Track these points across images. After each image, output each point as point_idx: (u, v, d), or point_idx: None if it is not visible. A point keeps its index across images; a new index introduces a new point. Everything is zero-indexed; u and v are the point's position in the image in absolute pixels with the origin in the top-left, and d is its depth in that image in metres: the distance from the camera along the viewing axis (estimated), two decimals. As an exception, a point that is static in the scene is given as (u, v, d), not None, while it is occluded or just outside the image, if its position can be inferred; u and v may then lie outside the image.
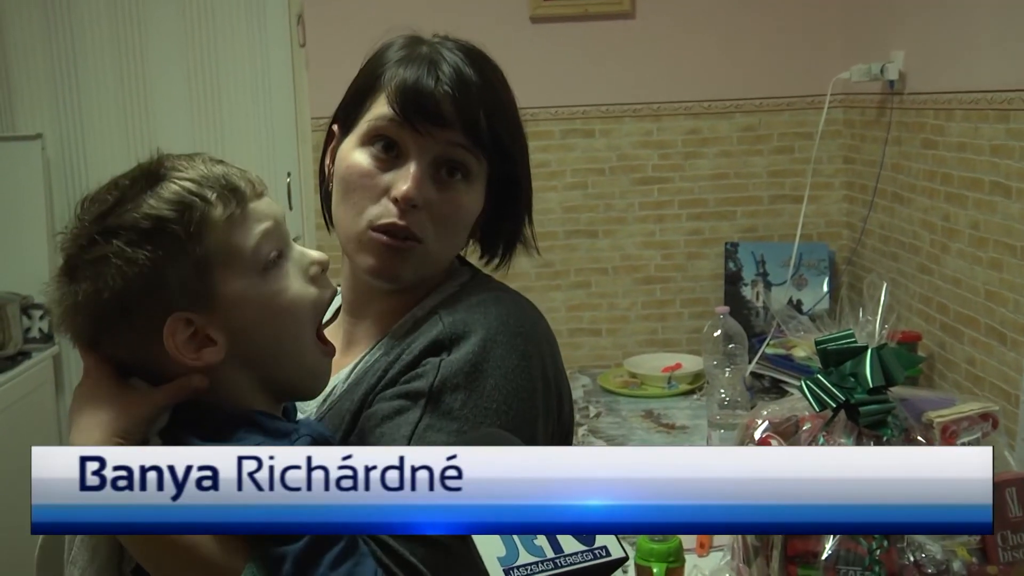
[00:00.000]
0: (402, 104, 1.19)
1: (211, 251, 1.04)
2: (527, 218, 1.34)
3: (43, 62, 3.51)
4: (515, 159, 1.27)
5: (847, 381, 1.45)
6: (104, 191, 1.09)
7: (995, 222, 2.38)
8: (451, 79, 1.20)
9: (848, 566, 1.34)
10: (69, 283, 1.06)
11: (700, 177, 3.49)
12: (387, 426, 1.12)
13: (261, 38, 3.53)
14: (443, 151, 1.21)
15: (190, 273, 1.04)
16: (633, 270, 3.52)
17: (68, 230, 1.08)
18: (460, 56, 1.23)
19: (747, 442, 1.48)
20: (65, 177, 3.57)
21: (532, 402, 1.17)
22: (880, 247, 3.14)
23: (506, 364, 1.16)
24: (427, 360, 1.16)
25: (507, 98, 1.27)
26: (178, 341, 1.04)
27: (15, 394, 3.22)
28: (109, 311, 1.04)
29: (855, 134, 3.35)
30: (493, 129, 1.22)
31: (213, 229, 1.05)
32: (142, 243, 1.03)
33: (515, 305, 1.24)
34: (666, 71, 3.45)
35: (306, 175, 3.53)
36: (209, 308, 1.05)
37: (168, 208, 1.04)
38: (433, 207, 1.21)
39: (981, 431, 1.44)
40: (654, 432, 2.74)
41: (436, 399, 1.13)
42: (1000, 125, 2.35)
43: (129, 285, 1.02)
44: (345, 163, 1.24)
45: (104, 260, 1.03)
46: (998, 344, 2.39)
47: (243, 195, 1.08)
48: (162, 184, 1.06)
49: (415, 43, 1.27)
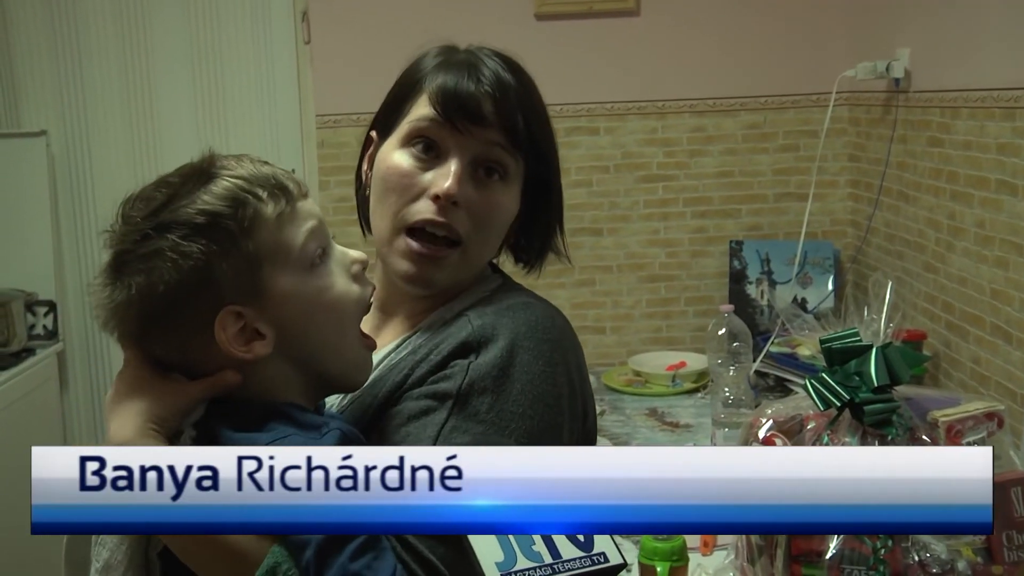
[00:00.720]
0: (444, 103, 1.22)
1: (262, 247, 1.08)
2: (559, 226, 1.37)
3: (48, 59, 3.51)
4: (550, 162, 1.31)
5: (852, 380, 1.44)
6: (152, 189, 1.11)
7: (1001, 220, 2.37)
8: (491, 81, 1.24)
9: (852, 565, 1.33)
10: (119, 278, 1.08)
11: (705, 175, 3.48)
12: (412, 426, 1.14)
13: (266, 35, 3.53)
14: (482, 150, 1.23)
15: (242, 267, 1.07)
16: (637, 268, 3.51)
17: (115, 228, 1.10)
18: (498, 62, 1.27)
19: (751, 441, 1.48)
20: (69, 174, 3.57)
21: (557, 408, 1.19)
22: (885, 245, 3.13)
23: (533, 369, 1.17)
24: (455, 362, 1.17)
25: (541, 105, 1.31)
26: (229, 334, 1.07)
27: (19, 391, 3.22)
28: (161, 305, 1.06)
29: (860, 132, 3.34)
30: (530, 131, 1.26)
31: (264, 225, 1.08)
32: (196, 237, 1.05)
33: (544, 312, 1.26)
34: (671, 68, 3.44)
35: (311, 172, 3.53)
36: (259, 302, 1.08)
37: (222, 204, 1.07)
38: (472, 206, 1.23)
39: (986, 430, 1.44)
40: (658, 430, 2.73)
41: (464, 401, 1.14)
42: (1006, 123, 2.34)
43: (184, 279, 1.05)
44: (385, 164, 1.26)
45: (158, 254, 1.05)
46: (1003, 343, 2.38)
47: (291, 194, 1.11)
48: (215, 181, 1.09)
49: (452, 51, 1.30)
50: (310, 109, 3.50)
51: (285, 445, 1.02)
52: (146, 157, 3.56)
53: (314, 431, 1.08)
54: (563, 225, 1.38)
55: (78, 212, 3.59)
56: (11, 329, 3.31)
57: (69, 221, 3.59)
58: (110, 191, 3.56)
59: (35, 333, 3.48)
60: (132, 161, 3.56)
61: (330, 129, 3.43)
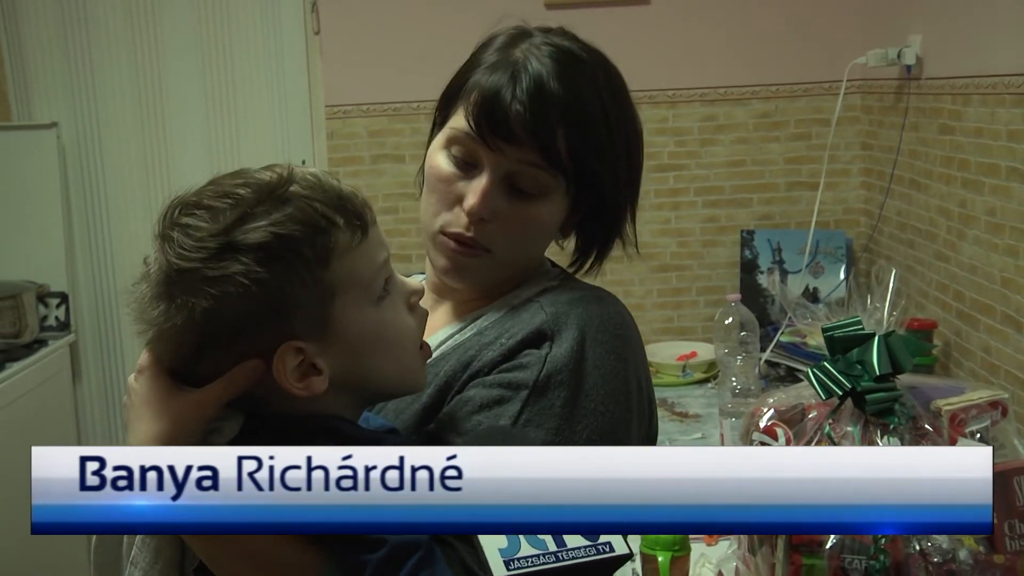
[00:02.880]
0: (476, 119, 1.17)
1: (337, 279, 1.01)
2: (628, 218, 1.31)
3: (58, 51, 3.52)
4: (599, 175, 1.22)
5: (854, 369, 1.43)
6: (216, 198, 1.01)
7: (1012, 208, 2.35)
8: (530, 94, 1.16)
9: (853, 555, 1.33)
10: (179, 297, 0.99)
11: (716, 164, 3.47)
12: (484, 415, 1.11)
13: (275, 26, 3.53)
14: (516, 168, 1.18)
15: (314, 299, 1.00)
16: (649, 258, 3.50)
17: (170, 233, 1.00)
18: (550, 65, 1.18)
19: (752, 430, 1.47)
20: (80, 166, 3.58)
21: (627, 404, 1.17)
22: (897, 234, 3.11)
23: (605, 365, 1.15)
24: (528, 351, 1.15)
25: (598, 110, 1.21)
26: (288, 368, 1.00)
27: (32, 382, 3.23)
28: (224, 332, 0.99)
29: (872, 120, 3.31)
30: (573, 147, 1.18)
31: (340, 256, 1.01)
32: (272, 264, 0.97)
33: (614, 306, 1.23)
34: (681, 57, 3.43)
35: (320, 163, 3.53)
36: (323, 337, 1.01)
37: (300, 230, 0.99)
38: (504, 219, 1.19)
39: (990, 419, 1.42)
40: (667, 420, 2.72)
41: (540, 393, 1.11)
42: (1017, 110, 2.32)
43: (254, 307, 0.98)
44: (430, 163, 1.24)
45: (229, 279, 0.97)
46: (1014, 332, 2.36)
47: (366, 222, 1.05)
48: (292, 202, 1.00)
49: (513, 43, 1.23)
50: (319, 99, 3.50)
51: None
52: (156, 148, 3.57)
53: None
54: (635, 216, 1.32)
55: (89, 204, 3.60)
56: (23, 320, 3.32)
57: (80, 213, 3.60)
58: (121, 183, 3.58)
59: (47, 325, 3.50)
60: (143, 152, 3.57)
61: (339, 120, 3.43)
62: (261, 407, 1.04)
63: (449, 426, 1.12)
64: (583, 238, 1.31)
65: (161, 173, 3.58)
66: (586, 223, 1.29)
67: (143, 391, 1.04)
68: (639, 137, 1.30)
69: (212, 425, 1.03)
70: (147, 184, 3.58)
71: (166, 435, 1.00)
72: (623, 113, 1.26)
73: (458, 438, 1.09)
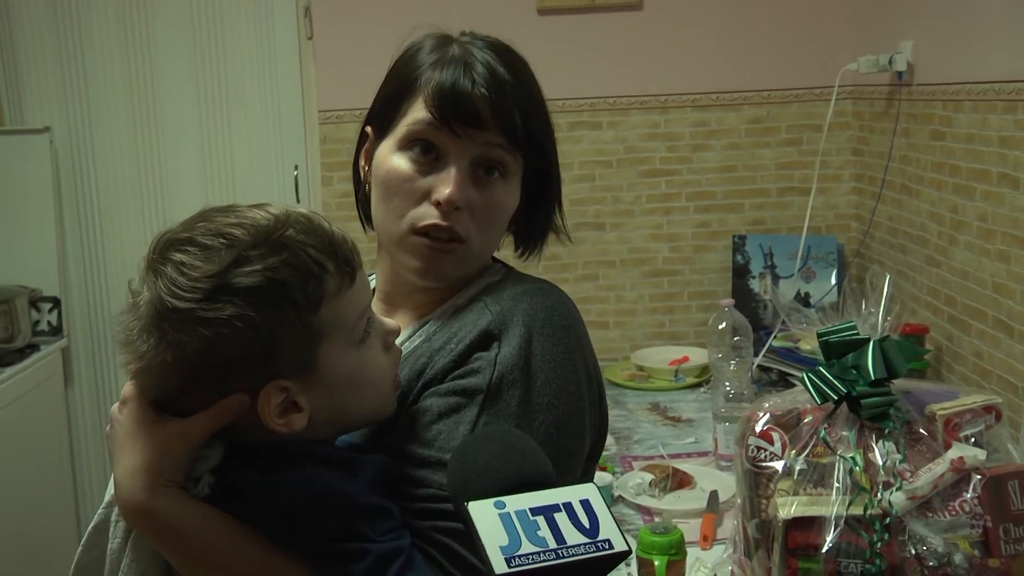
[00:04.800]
0: (440, 108, 1.20)
1: (323, 322, 1.04)
2: (558, 207, 1.37)
3: (51, 56, 3.52)
4: (548, 153, 1.30)
5: (849, 373, 1.44)
6: (210, 236, 1.03)
7: (1003, 214, 2.37)
8: (486, 80, 1.21)
9: (849, 559, 1.33)
10: (170, 334, 1.00)
11: (708, 169, 3.48)
12: (444, 423, 1.13)
13: (268, 31, 3.53)
14: (482, 152, 1.22)
15: (301, 342, 1.03)
16: (641, 263, 3.51)
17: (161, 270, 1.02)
18: (491, 55, 1.24)
19: (748, 434, 1.48)
20: (73, 170, 3.58)
21: (579, 394, 1.20)
22: (888, 239, 3.12)
23: (553, 358, 1.18)
24: (478, 355, 1.17)
25: (537, 92, 1.29)
26: (271, 406, 1.03)
27: (24, 386, 3.23)
28: (212, 371, 1.01)
29: (863, 126, 3.33)
30: (528, 126, 1.24)
31: (329, 300, 1.04)
32: (264, 307, 1.00)
33: (557, 297, 1.26)
34: (674, 63, 3.44)
35: (313, 168, 3.53)
36: (306, 377, 1.04)
37: (293, 275, 1.02)
38: (474, 207, 1.22)
39: (984, 423, 1.43)
40: (660, 425, 2.74)
41: (494, 396, 1.14)
42: (1008, 116, 2.34)
43: (244, 349, 1.00)
44: (385, 167, 1.25)
45: (222, 321, 0.99)
46: (1005, 336, 2.37)
47: (354, 268, 1.08)
48: (287, 247, 1.03)
49: (445, 43, 1.28)
50: (312, 104, 3.51)
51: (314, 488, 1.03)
52: (149, 153, 3.57)
53: (348, 468, 1.06)
54: (562, 205, 1.38)
55: (82, 208, 3.60)
56: (15, 325, 3.32)
57: (73, 217, 3.60)
58: (114, 187, 3.58)
59: (39, 329, 3.50)
60: (135, 157, 3.57)
61: (332, 124, 3.43)
62: (240, 435, 1.06)
63: (410, 437, 1.14)
64: (525, 226, 1.36)
65: (154, 178, 3.58)
66: (528, 211, 1.33)
67: (127, 422, 1.06)
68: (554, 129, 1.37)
69: (196, 453, 1.06)
70: (140, 189, 3.58)
71: (153, 466, 1.04)
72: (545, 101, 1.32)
73: (422, 448, 1.12)
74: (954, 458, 1.36)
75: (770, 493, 1.43)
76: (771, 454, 1.45)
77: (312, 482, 1.03)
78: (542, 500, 0.86)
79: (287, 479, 1.03)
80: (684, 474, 2.30)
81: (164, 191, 3.56)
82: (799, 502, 1.38)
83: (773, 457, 1.45)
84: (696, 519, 2.08)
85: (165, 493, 1.03)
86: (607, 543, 0.85)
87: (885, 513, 1.35)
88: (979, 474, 1.36)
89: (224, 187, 3.55)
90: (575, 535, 0.85)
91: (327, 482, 1.03)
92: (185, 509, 1.04)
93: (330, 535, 1.01)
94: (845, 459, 1.39)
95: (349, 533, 1.01)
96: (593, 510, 0.87)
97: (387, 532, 1.03)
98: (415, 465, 1.11)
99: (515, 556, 0.82)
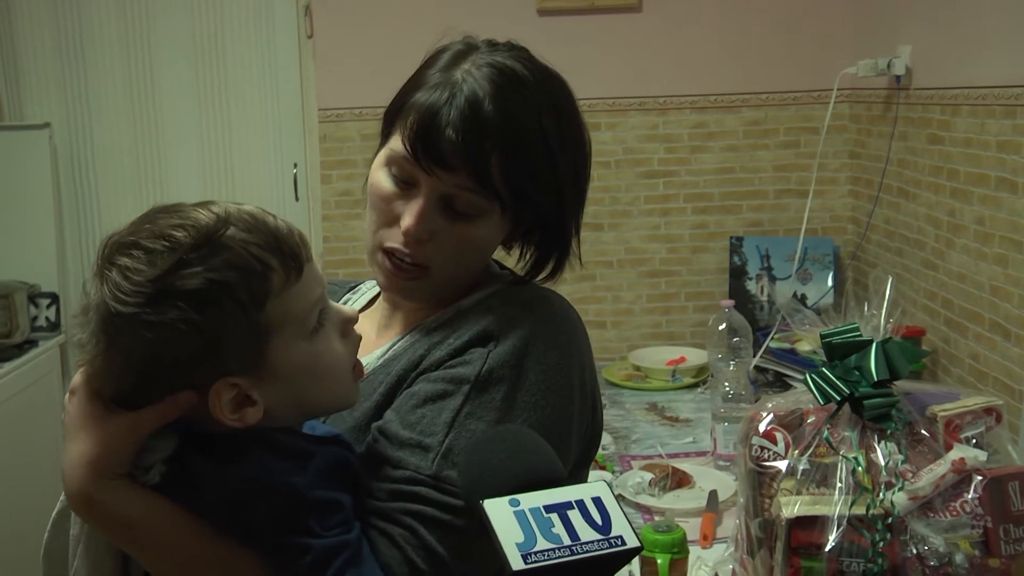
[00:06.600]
0: (412, 144, 1.18)
1: (271, 319, 1.04)
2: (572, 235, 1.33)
3: (51, 52, 3.52)
4: (536, 199, 1.23)
5: (852, 375, 1.45)
6: (153, 239, 1.02)
7: (1001, 218, 2.39)
8: (463, 120, 1.16)
9: (851, 558, 1.35)
10: (118, 340, 1.01)
11: (706, 171, 3.49)
12: (428, 408, 1.14)
13: (268, 29, 3.54)
14: (451, 191, 1.19)
15: (248, 339, 1.03)
16: (638, 263, 3.53)
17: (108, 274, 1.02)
18: (487, 88, 1.18)
19: (752, 434, 1.49)
20: (72, 166, 3.58)
21: (568, 400, 1.19)
22: (885, 242, 3.14)
23: (547, 361, 1.18)
24: (474, 349, 1.18)
25: (537, 131, 1.21)
26: (222, 402, 1.03)
27: (22, 382, 3.23)
28: (160, 372, 1.02)
29: (861, 129, 3.35)
30: (508, 171, 1.18)
31: (275, 297, 1.04)
32: (207, 309, 1.00)
33: (560, 305, 1.26)
34: (672, 65, 3.45)
35: (312, 166, 3.54)
36: (257, 372, 1.04)
37: (235, 275, 1.01)
38: (441, 238, 1.21)
39: (985, 425, 1.45)
40: (658, 425, 2.75)
41: (481, 388, 1.14)
42: (1007, 121, 2.35)
43: (190, 351, 1.00)
44: (372, 180, 1.26)
45: (166, 325, 0.99)
46: (1002, 339, 2.39)
47: (301, 260, 1.07)
48: (228, 248, 1.02)
49: (456, 61, 1.23)
50: (312, 103, 3.51)
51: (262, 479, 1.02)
52: (149, 150, 3.57)
53: (301, 460, 1.05)
54: (579, 229, 1.34)
55: (81, 204, 3.60)
56: (14, 321, 3.32)
57: (72, 213, 3.60)
58: (113, 184, 3.58)
59: (38, 325, 3.49)
60: (135, 154, 3.57)
61: (332, 123, 3.44)
62: (199, 424, 1.06)
63: (394, 418, 1.15)
64: (536, 250, 1.32)
65: (153, 174, 3.58)
66: (534, 236, 1.30)
67: (75, 412, 1.06)
68: (585, 155, 1.31)
69: (146, 444, 1.05)
70: (139, 185, 3.58)
71: (98, 458, 1.03)
72: (567, 132, 1.27)
73: (404, 430, 1.12)
74: (955, 459, 1.38)
75: (773, 492, 1.45)
76: (774, 454, 1.47)
77: (260, 474, 1.03)
78: (555, 498, 0.88)
79: (237, 469, 1.03)
80: (683, 473, 2.31)
81: (163, 188, 3.56)
82: (802, 501, 1.39)
83: (776, 457, 1.47)
84: (696, 518, 2.10)
85: (110, 485, 1.03)
86: (620, 539, 0.86)
87: (887, 513, 1.36)
88: (980, 475, 1.38)
89: (223, 184, 3.56)
90: (588, 532, 0.86)
91: (275, 474, 1.03)
92: (130, 500, 1.04)
93: (275, 528, 1.02)
94: (847, 459, 1.40)
95: (294, 527, 1.01)
96: (605, 507, 0.88)
97: (334, 527, 1.03)
98: (395, 446, 1.11)
99: (531, 552, 0.83)
